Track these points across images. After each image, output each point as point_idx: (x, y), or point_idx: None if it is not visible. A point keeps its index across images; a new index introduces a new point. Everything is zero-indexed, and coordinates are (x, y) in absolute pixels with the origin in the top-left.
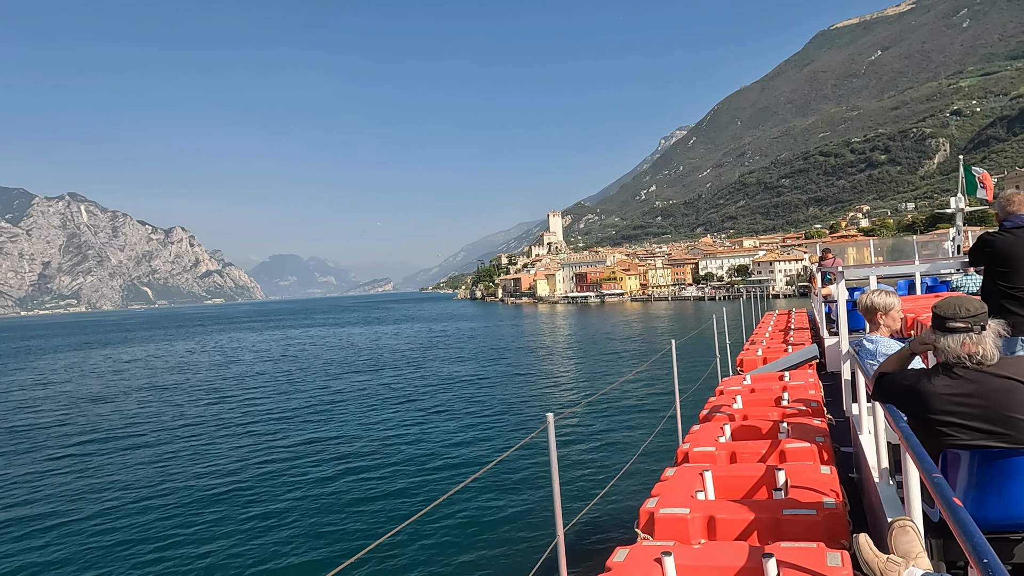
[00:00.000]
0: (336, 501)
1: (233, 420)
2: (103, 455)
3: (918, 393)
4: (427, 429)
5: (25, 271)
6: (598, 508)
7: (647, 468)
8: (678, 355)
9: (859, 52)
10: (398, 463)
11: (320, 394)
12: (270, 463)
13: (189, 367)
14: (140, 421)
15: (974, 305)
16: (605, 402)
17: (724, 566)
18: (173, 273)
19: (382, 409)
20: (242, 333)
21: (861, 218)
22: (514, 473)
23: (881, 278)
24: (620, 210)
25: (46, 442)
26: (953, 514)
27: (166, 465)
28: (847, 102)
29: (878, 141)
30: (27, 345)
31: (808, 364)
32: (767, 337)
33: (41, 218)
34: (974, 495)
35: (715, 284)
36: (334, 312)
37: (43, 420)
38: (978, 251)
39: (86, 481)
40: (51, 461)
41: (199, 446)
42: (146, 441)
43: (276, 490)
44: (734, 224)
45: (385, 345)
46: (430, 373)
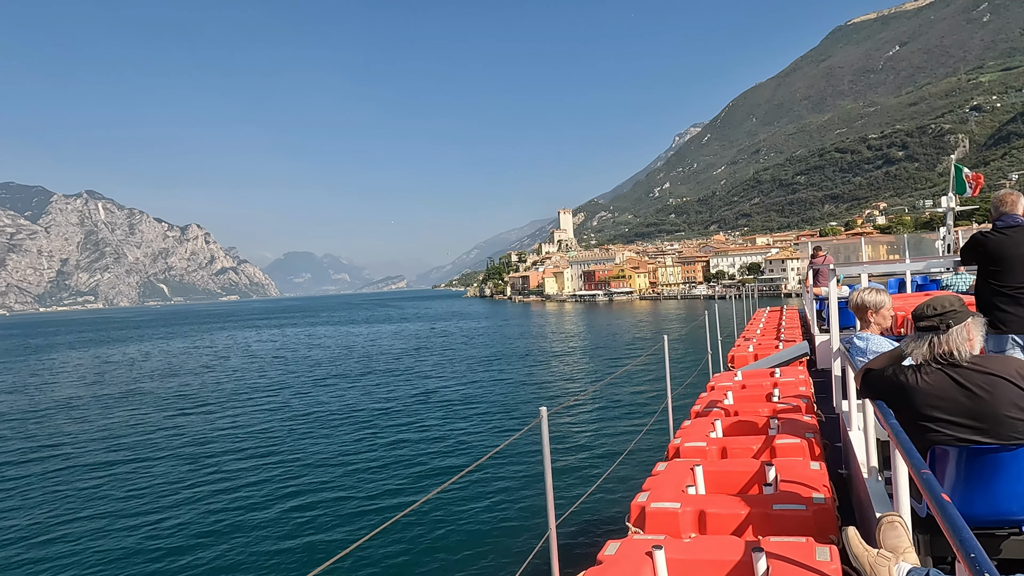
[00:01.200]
0: (328, 494)
1: (226, 413)
2: (92, 452)
3: (901, 389)
4: (421, 424)
5: (44, 268)
6: (590, 502)
7: (638, 463)
8: (671, 351)
9: (877, 47)
10: (392, 457)
11: (314, 391)
12: (264, 456)
13: (201, 362)
14: (138, 418)
15: (944, 303)
16: (598, 397)
17: (714, 560)
18: (189, 270)
19: (377, 404)
20: (244, 331)
21: (878, 215)
22: (507, 467)
23: (872, 276)
24: (633, 208)
25: (26, 439)
26: (941, 509)
27: (172, 463)
28: (864, 98)
29: (896, 137)
30: (46, 343)
31: (799, 361)
32: (758, 334)
33: (60, 215)
34: (962, 491)
35: (726, 282)
36: (341, 309)
37: (29, 418)
38: (971, 250)
39: (62, 482)
40: (32, 463)
41: (196, 435)
42: (151, 439)
43: (269, 482)
44: (748, 222)
45: (384, 343)
46: (425, 370)
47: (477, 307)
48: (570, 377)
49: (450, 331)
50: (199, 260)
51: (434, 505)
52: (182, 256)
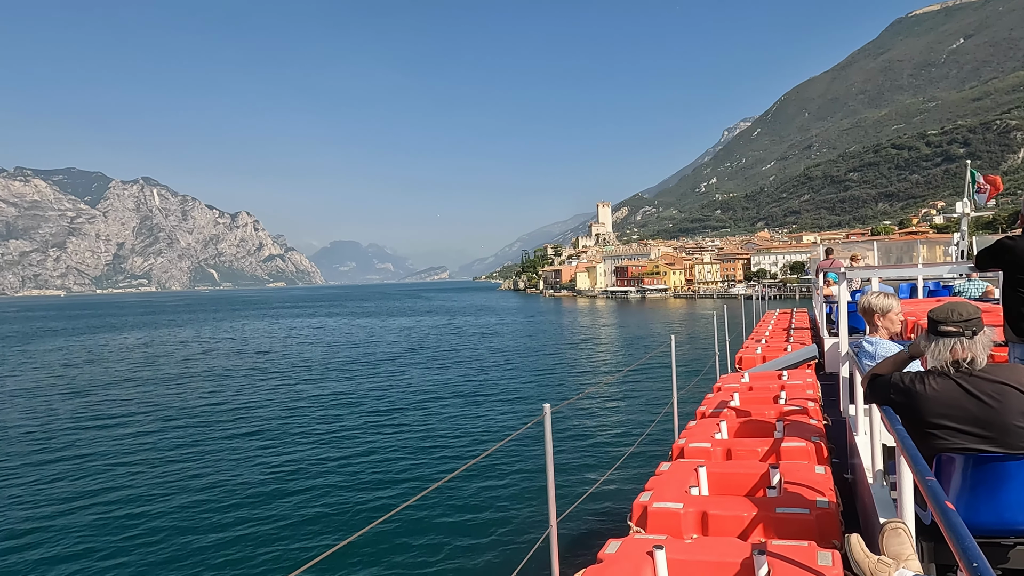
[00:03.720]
0: (329, 486)
1: (236, 402)
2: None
3: (910, 396)
4: (424, 418)
5: (101, 251)
6: (592, 500)
7: (642, 462)
8: (678, 351)
9: (939, 40)
10: (393, 450)
11: (316, 383)
12: (266, 445)
13: (195, 351)
14: (164, 401)
15: (968, 310)
16: (603, 395)
17: (716, 561)
18: (238, 256)
19: (380, 398)
20: (259, 322)
21: (935, 215)
22: (509, 463)
23: (883, 280)
24: (679, 202)
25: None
26: (945, 517)
27: (186, 451)
28: (924, 93)
29: (957, 134)
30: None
31: (807, 364)
32: (767, 336)
33: (117, 201)
34: (967, 499)
35: (766, 281)
36: (372, 299)
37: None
38: (996, 255)
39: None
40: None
41: (210, 422)
42: (175, 420)
43: (268, 473)
44: (797, 219)
45: (399, 337)
46: (433, 366)
47: (506, 301)
48: (575, 373)
49: (463, 328)
50: (248, 247)
51: (435, 499)
52: (232, 242)
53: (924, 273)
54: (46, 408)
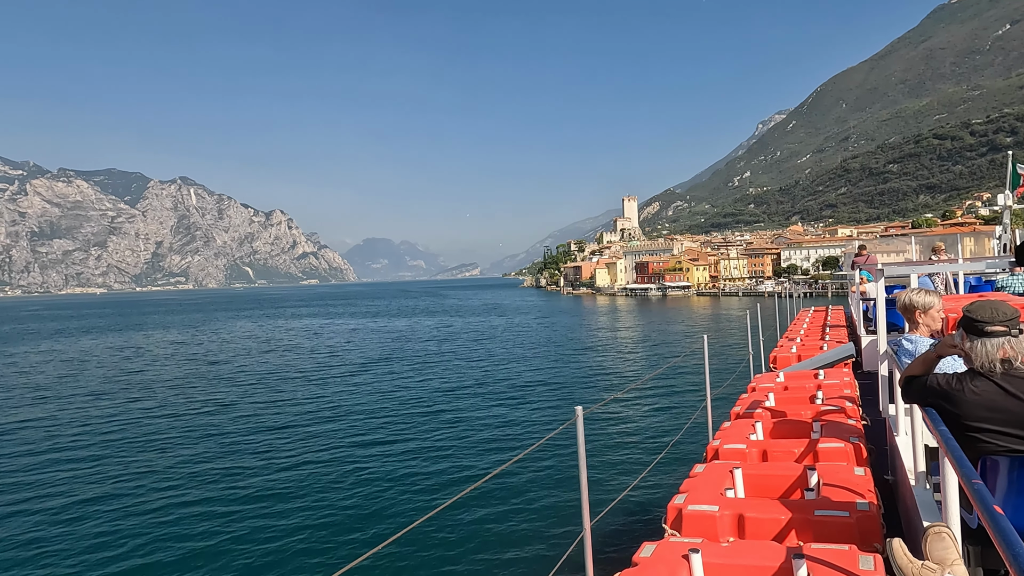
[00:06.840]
0: (365, 489)
1: (262, 406)
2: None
3: (949, 398)
4: (457, 421)
5: (140, 250)
6: (625, 503)
7: (676, 464)
8: (710, 351)
9: (984, 26)
10: (428, 452)
11: (344, 385)
12: (301, 449)
13: (194, 352)
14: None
15: (1009, 309)
16: (635, 397)
17: (753, 565)
18: (272, 254)
19: (414, 400)
20: (277, 321)
21: (980, 207)
22: (542, 466)
23: (922, 276)
24: (711, 197)
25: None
26: (994, 522)
27: (204, 454)
28: (968, 81)
29: (1003, 122)
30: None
31: (844, 363)
32: (802, 334)
33: (155, 200)
34: (1015, 502)
35: (797, 278)
36: (386, 297)
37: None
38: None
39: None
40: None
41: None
42: (189, 422)
43: (306, 475)
44: (833, 212)
45: (418, 339)
46: (461, 367)
47: (525, 299)
48: (606, 375)
49: (465, 329)
50: (282, 244)
51: (468, 502)
52: (266, 240)
53: (964, 268)
54: (71, 405)
